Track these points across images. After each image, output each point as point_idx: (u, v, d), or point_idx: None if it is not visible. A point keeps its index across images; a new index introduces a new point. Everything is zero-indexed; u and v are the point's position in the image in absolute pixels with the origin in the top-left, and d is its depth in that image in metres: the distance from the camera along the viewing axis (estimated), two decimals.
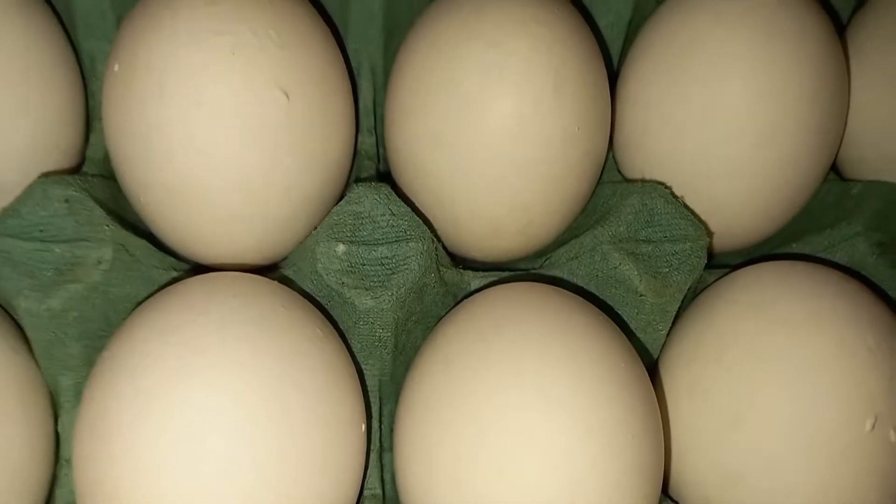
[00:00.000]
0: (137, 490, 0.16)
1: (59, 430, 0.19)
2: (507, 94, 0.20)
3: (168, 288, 0.18)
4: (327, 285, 0.19)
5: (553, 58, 0.20)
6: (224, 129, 0.18)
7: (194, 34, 0.18)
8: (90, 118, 0.22)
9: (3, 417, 0.18)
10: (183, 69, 0.18)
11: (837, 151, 0.24)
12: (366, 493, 0.20)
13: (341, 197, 0.21)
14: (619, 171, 0.24)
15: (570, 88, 0.20)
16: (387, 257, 0.20)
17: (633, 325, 0.21)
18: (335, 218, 0.20)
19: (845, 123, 0.23)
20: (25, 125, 0.20)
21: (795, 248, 0.23)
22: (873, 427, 0.17)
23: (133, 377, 0.16)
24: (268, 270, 0.21)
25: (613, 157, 0.24)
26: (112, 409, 0.16)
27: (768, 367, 0.18)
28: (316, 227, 0.20)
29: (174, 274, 0.20)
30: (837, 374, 0.18)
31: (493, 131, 0.20)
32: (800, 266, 0.20)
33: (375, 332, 0.20)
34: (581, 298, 0.20)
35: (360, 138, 0.24)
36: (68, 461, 0.19)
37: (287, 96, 0.18)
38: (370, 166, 0.23)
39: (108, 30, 0.22)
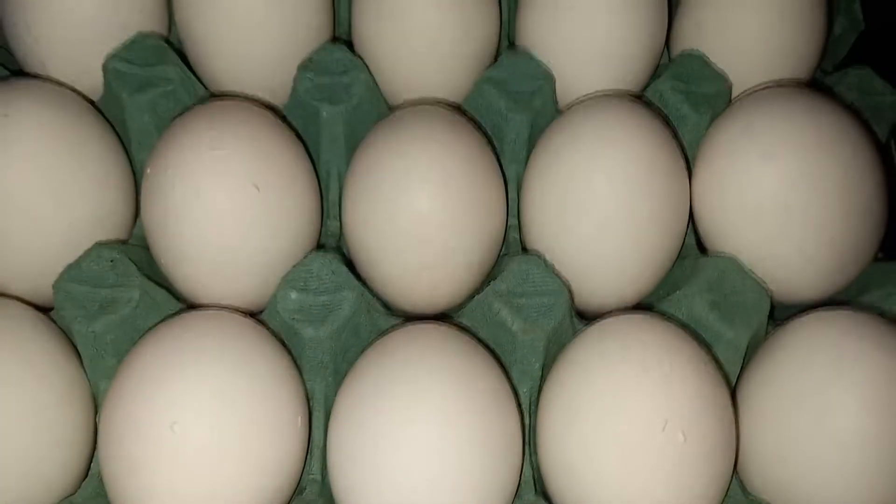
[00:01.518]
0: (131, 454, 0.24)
1: (98, 421, 0.27)
2: (410, 192, 0.28)
3: (171, 319, 0.26)
4: (284, 321, 0.27)
5: (444, 164, 0.28)
6: (214, 211, 0.27)
7: (197, 149, 0.27)
8: (139, 206, 0.32)
9: (59, 409, 0.26)
10: (188, 171, 0.27)
11: (686, 232, 0.31)
12: (309, 478, 0.27)
13: None
14: (523, 249, 0.32)
15: (459, 184, 0.28)
16: (326, 302, 0.28)
17: (511, 360, 0.28)
18: (292, 274, 0.28)
19: (686, 209, 0.30)
20: (92, 211, 0.30)
21: (656, 307, 0.30)
22: (665, 428, 0.24)
23: (136, 382, 0.24)
24: (252, 315, 0.29)
25: (520, 238, 0.32)
26: (123, 403, 0.25)
27: (594, 386, 0.25)
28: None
29: (182, 311, 0.29)
30: (637, 389, 0.24)
31: (402, 217, 0.28)
32: (631, 316, 0.27)
33: (318, 356, 0.28)
34: (468, 337, 0.27)
35: (328, 222, 0.33)
36: None
37: (258, 189, 0.27)
38: (333, 242, 0.32)
39: (152, 146, 0.32)
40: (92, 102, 0.32)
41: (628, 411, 0.24)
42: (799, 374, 0.25)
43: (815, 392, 0.25)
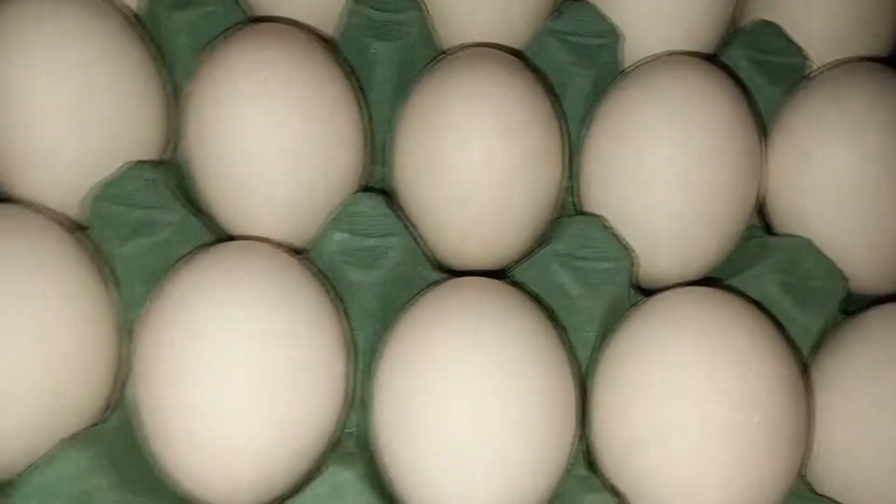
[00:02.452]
0: (167, 383, 0.22)
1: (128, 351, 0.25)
2: (468, 137, 0.26)
3: (208, 247, 0.24)
4: (330, 263, 0.26)
5: (506, 113, 0.26)
6: (258, 140, 0.25)
7: (244, 73, 0.25)
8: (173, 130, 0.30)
9: (89, 332, 0.24)
10: (237, 95, 0.25)
11: (759, 210, 0.29)
12: (347, 431, 0.26)
13: None
14: (577, 212, 0.30)
15: (518, 137, 0.26)
16: (374, 247, 0.26)
17: (566, 326, 0.26)
18: (338, 214, 0.26)
19: (760, 182, 0.28)
20: (124, 129, 0.27)
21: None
22: (737, 406, 0.22)
23: (171, 307, 0.23)
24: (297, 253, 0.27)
25: (574, 202, 0.30)
26: (154, 337, 0.23)
27: (658, 360, 0.23)
28: None
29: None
30: (709, 365, 0.22)
31: (458, 165, 0.26)
32: (699, 290, 0.25)
33: (365, 303, 0.26)
34: (521, 293, 0.25)
35: (375, 168, 0.31)
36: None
37: (308, 119, 0.26)
38: (380, 187, 0.30)
39: (189, 68, 0.29)
40: (134, 16, 0.30)
41: (699, 387, 0.22)
42: (874, 368, 0.24)
43: (890, 387, 0.23)
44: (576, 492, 0.24)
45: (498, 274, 0.28)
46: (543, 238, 0.29)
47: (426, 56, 0.31)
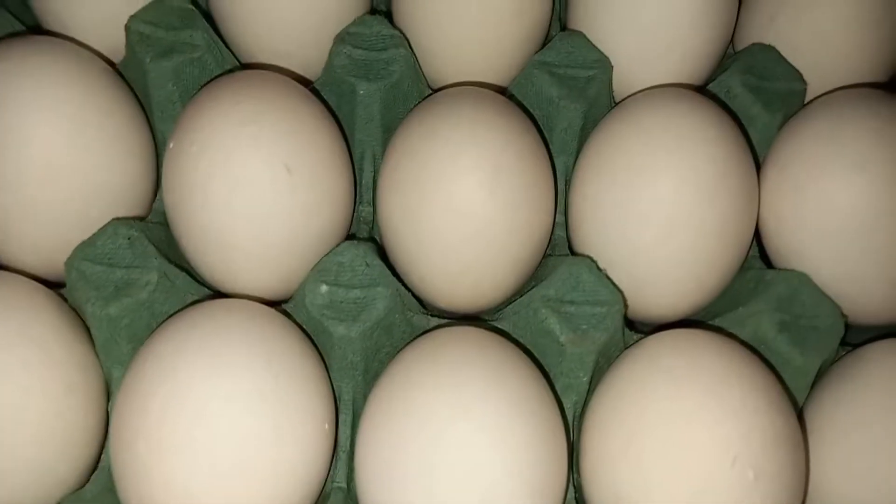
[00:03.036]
0: (149, 448, 0.22)
1: (110, 410, 0.25)
2: (456, 180, 0.26)
3: (192, 306, 0.24)
4: (312, 317, 0.25)
5: (492, 152, 0.26)
6: (241, 192, 0.25)
7: (224, 124, 0.25)
8: (159, 180, 0.30)
9: (69, 396, 0.24)
10: (215, 148, 0.25)
11: (756, 239, 0.28)
12: (334, 485, 0.25)
13: None
14: (569, 249, 0.29)
15: (508, 176, 0.26)
16: (359, 298, 0.25)
17: (557, 371, 0.26)
18: (322, 265, 0.26)
19: (755, 218, 0.27)
20: (110, 182, 0.27)
21: (714, 323, 0.28)
22: (733, 463, 0.21)
23: (152, 374, 0.22)
24: (276, 304, 0.27)
25: (567, 236, 0.30)
26: (137, 396, 0.22)
27: (652, 409, 0.23)
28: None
29: (203, 298, 0.26)
30: (704, 418, 0.22)
31: (444, 208, 0.26)
32: (696, 333, 0.25)
33: (347, 356, 0.25)
34: (512, 344, 0.25)
35: (360, 208, 0.30)
36: None
37: (289, 171, 0.25)
38: (366, 229, 0.30)
39: (176, 116, 0.29)
40: (113, 65, 0.30)
41: (694, 442, 0.21)
42: (876, 409, 0.23)
43: (890, 432, 0.22)
44: None
45: (486, 317, 0.28)
46: (534, 276, 0.29)
47: (413, 93, 0.31)
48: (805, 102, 0.30)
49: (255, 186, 0.25)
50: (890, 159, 0.25)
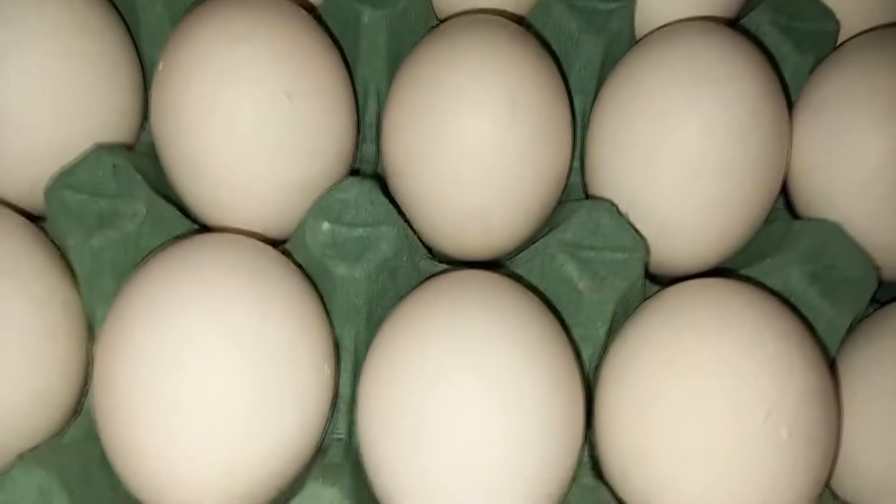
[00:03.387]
0: (132, 390, 0.20)
1: (93, 351, 0.23)
2: (467, 114, 0.24)
3: (181, 240, 0.22)
4: (313, 256, 0.23)
5: (509, 84, 0.24)
6: (236, 120, 0.23)
7: (218, 46, 0.23)
8: (147, 108, 0.27)
9: (48, 335, 0.22)
10: (207, 72, 0.23)
11: (782, 189, 0.26)
12: (333, 437, 0.24)
13: None
14: (585, 196, 0.28)
15: (525, 111, 0.24)
16: (363, 237, 0.24)
17: (573, 321, 0.24)
18: (324, 201, 0.24)
19: (787, 162, 0.26)
20: (96, 109, 0.25)
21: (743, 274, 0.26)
22: (766, 419, 0.20)
23: (138, 313, 0.21)
24: (274, 243, 0.25)
25: (583, 182, 0.28)
26: (121, 337, 0.21)
27: (676, 362, 0.21)
28: None
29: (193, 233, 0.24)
30: (734, 371, 0.20)
31: (456, 145, 0.24)
32: (723, 282, 0.23)
33: (350, 299, 0.24)
34: (525, 289, 0.23)
35: (364, 146, 0.28)
36: None
37: (289, 98, 0.23)
38: (369, 169, 0.28)
39: (165, 39, 0.27)
40: None
41: (722, 396, 0.20)
42: None
43: None
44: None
45: (498, 264, 0.26)
46: (549, 222, 0.27)
47: (422, 25, 0.29)
48: (838, 43, 0.29)
49: (251, 113, 0.23)
50: None
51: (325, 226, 0.24)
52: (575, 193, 0.28)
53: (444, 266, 0.25)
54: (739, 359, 0.20)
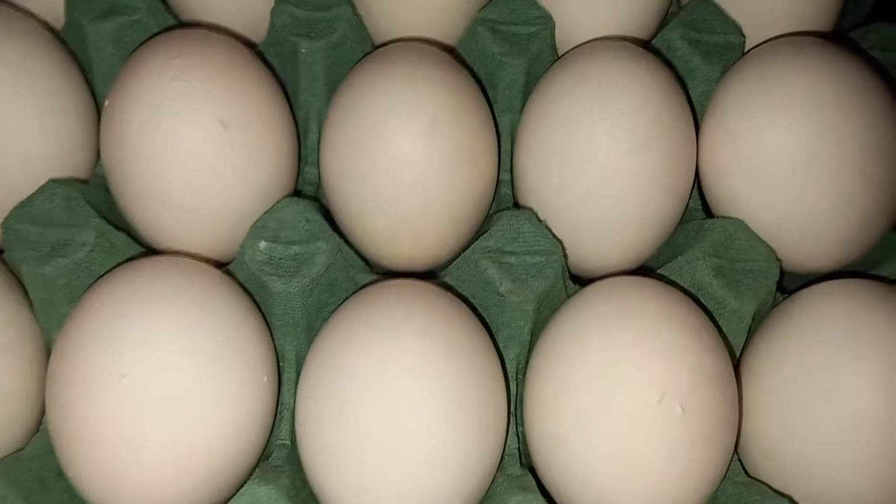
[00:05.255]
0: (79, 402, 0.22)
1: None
2: (391, 133, 0.26)
3: (128, 263, 0.24)
4: (252, 273, 0.25)
5: (430, 105, 0.26)
6: (175, 149, 0.25)
7: (157, 80, 0.25)
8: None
9: (7, 358, 0.24)
10: (147, 104, 0.25)
11: (690, 193, 0.28)
12: (277, 442, 0.25)
13: None
14: (515, 205, 0.30)
15: (445, 129, 0.26)
16: (298, 254, 0.25)
17: (498, 322, 0.26)
18: (261, 221, 0.26)
19: (693, 165, 0.28)
20: (50, 147, 0.27)
21: (656, 272, 0.28)
22: (661, 399, 0.22)
23: (87, 328, 0.22)
24: (220, 265, 0.27)
25: (513, 193, 0.30)
26: (71, 350, 0.22)
27: (583, 352, 0.23)
28: None
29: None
30: (633, 358, 0.22)
31: (383, 162, 0.26)
32: (629, 279, 0.25)
33: (288, 313, 0.25)
34: (450, 294, 0.25)
35: (306, 169, 0.30)
36: None
37: (224, 126, 0.25)
38: (311, 190, 0.30)
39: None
40: (53, 30, 0.30)
41: (623, 382, 0.22)
42: (807, 347, 0.23)
43: (825, 368, 0.23)
44: (506, 491, 0.23)
45: (429, 274, 0.28)
46: (479, 233, 0.29)
47: (357, 53, 0.31)
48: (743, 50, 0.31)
49: (190, 143, 0.25)
50: (820, 101, 0.25)
51: (262, 244, 0.25)
52: (507, 204, 0.30)
53: (379, 277, 0.27)
54: (637, 346, 0.22)
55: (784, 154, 0.26)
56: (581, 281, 0.28)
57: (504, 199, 0.30)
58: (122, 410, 0.21)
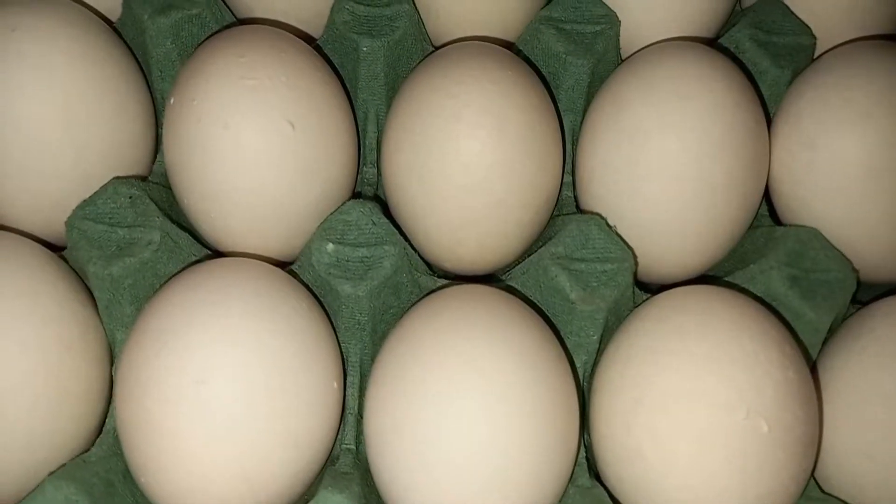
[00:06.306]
0: (154, 406, 0.21)
1: (113, 374, 0.25)
2: (460, 136, 0.25)
3: (195, 265, 0.24)
4: (319, 276, 0.25)
5: (499, 108, 0.25)
6: (244, 149, 0.24)
7: (226, 78, 0.24)
8: (159, 141, 0.29)
9: (70, 358, 0.23)
10: (215, 103, 0.24)
11: (762, 198, 0.28)
12: (342, 447, 0.25)
13: None
14: (577, 209, 0.29)
15: (513, 132, 0.25)
16: (366, 256, 0.25)
17: (567, 330, 0.25)
18: (328, 223, 0.25)
19: (766, 171, 0.27)
20: (109, 142, 0.27)
21: (727, 280, 0.27)
22: (746, 415, 0.21)
23: (157, 333, 0.22)
24: (282, 265, 0.27)
25: (575, 196, 0.29)
26: (141, 357, 0.22)
27: (660, 365, 0.23)
28: None
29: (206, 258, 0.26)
30: (714, 371, 0.22)
31: (450, 166, 0.25)
32: (704, 289, 0.24)
33: (355, 315, 0.25)
34: (521, 301, 0.25)
35: (364, 169, 0.30)
36: None
37: (293, 126, 0.24)
38: (370, 191, 0.29)
39: (175, 74, 0.29)
40: (110, 23, 0.29)
41: (705, 395, 0.21)
42: (887, 363, 0.23)
43: None
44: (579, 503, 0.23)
45: (494, 277, 0.27)
46: (542, 236, 0.29)
47: (417, 51, 0.30)
48: (815, 57, 0.30)
49: (258, 142, 0.24)
50: (894, 107, 0.25)
51: (330, 247, 0.25)
52: (569, 207, 0.29)
53: (443, 281, 0.27)
54: (718, 359, 0.21)
55: (861, 165, 0.25)
56: (648, 288, 0.27)
57: (566, 202, 0.29)
58: (197, 418, 0.21)
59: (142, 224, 0.25)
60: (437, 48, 0.30)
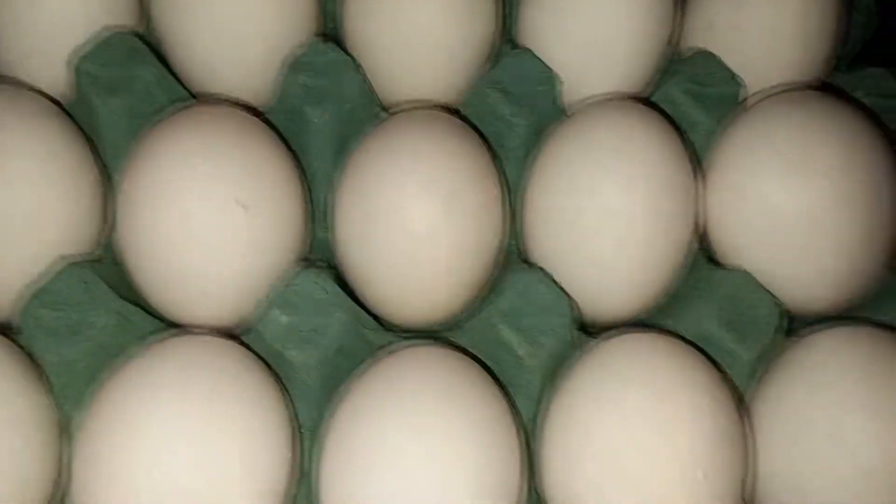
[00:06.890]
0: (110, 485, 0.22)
1: (68, 457, 0.25)
2: (408, 208, 0.26)
3: (149, 345, 0.25)
4: (270, 346, 0.26)
5: (446, 179, 0.26)
6: (195, 231, 0.25)
7: (176, 162, 0.25)
8: (111, 217, 0.29)
9: (23, 443, 0.23)
10: (166, 188, 0.25)
11: (698, 240, 0.29)
12: None
13: None
14: (520, 258, 0.30)
15: (460, 199, 0.27)
16: (316, 325, 0.26)
17: (515, 383, 0.26)
18: (277, 292, 0.26)
19: (696, 220, 0.28)
20: (61, 223, 0.27)
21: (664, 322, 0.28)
22: (682, 467, 0.22)
23: (111, 417, 0.23)
24: (232, 334, 0.27)
25: (517, 246, 0.30)
26: (97, 440, 0.23)
27: (603, 412, 0.23)
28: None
29: (160, 334, 0.26)
30: (654, 423, 0.23)
31: (400, 238, 0.26)
32: (643, 337, 0.25)
33: (306, 382, 0.26)
34: (470, 362, 0.25)
35: (318, 233, 0.31)
36: None
37: (245, 209, 0.25)
38: (322, 256, 0.30)
39: (127, 153, 0.29)
40: (61, 106, 0.30)
41: (641, 446, 0.22)
42: (814, 395, 0.24)
43: (833, 415, 0.23)
44: None
45: (443, 330, 0.28)
46: (489, 290, 0.29)
47: (368, 117, 0.31)
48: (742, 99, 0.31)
49: (209, 225, 0.25)
50: (822, 160, 0.26)
51: (282, 318, 0.26)
52: (512, 255, 0.30)
53: (392, 335, 0.27)
54: (655, 411, 0.22)
55: (788, 215, 0.26)
56: (589, 331, 0.28)
57: (511, 252, 0.30)
58: (151, 495, 0.21)
59: (95, 307, 0.26)
60: (387, 111, 0.31)
